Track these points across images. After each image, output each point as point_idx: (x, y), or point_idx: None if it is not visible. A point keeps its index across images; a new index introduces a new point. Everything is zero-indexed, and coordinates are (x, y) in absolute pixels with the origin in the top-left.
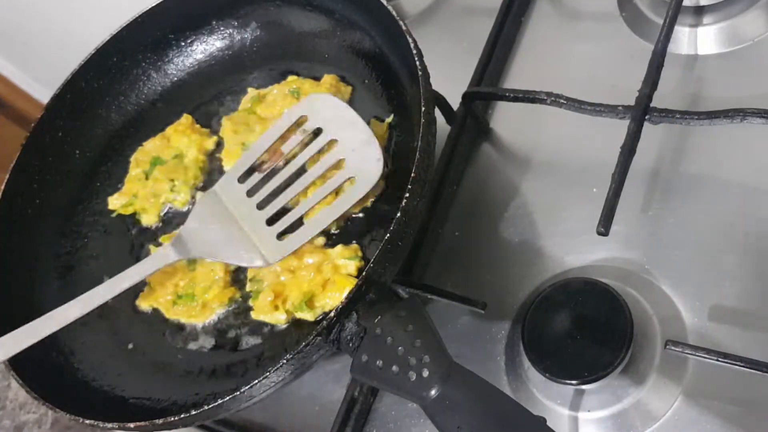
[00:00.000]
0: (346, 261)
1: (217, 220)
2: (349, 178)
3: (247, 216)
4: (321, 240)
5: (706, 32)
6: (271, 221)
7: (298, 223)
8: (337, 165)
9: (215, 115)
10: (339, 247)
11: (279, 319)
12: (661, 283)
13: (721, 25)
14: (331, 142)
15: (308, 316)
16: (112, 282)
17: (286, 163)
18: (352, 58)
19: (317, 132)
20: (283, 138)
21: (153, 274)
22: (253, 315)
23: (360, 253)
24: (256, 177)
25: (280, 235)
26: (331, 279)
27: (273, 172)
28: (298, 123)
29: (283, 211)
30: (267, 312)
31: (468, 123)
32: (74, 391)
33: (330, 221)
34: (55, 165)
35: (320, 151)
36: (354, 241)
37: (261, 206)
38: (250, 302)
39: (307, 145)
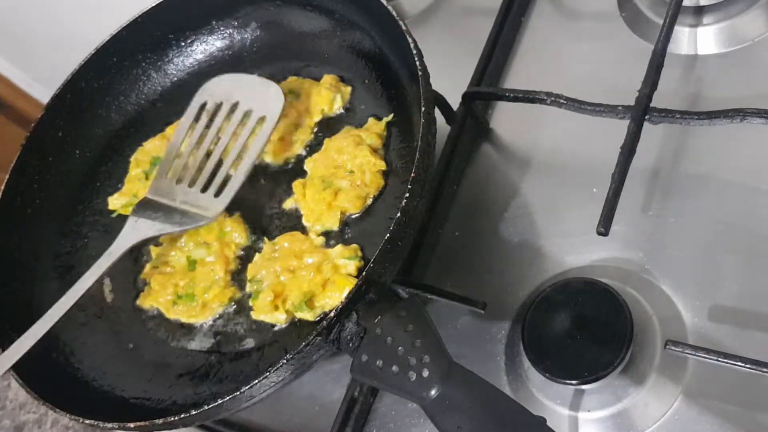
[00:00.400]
0: (346, 261)
1: (156, 213)
2: (259, 119)
3: (184, 198)
4: (321, 240)
5: (706, 32)
6: (204, 189)
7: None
8: (247, 118)
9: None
10: (339, 247)
11: (279, 319)
12: (661, 283)
13: (721, 25)
14: (234, 106)
15: (308, 316)
16: (93, 268)
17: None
18: (352, 58)
19: (220, 107)
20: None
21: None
22: (253, 315)
23: (360, 253)
24: (179, 163)
25: (218, 195)
26: (331, 279)
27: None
28: (204, 111)
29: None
30: (267, 312)
31: (468, 123)
32: (74, 391)
33: (254, 159)
34: (55, 165)
35: (229, 119)
36: (354, 241)
37: (191, 184)
38: (250, 302)
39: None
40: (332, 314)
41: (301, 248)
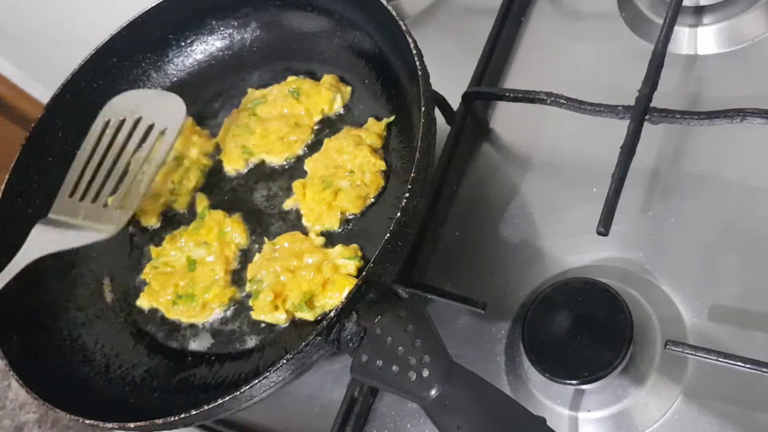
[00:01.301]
0: (345, 261)
1: (56, 229)
2: (160, 132)
3: (86, 214)
4: (321, 240)
5: (706, 32)
6: (107, 203)
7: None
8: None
9: (215, 115)
10: (339, 247)
11: (279, 319)
12: (661, 283)
13: (721, 25)
14: (137, 121)
15: (308, 315)
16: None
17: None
18: (352, 58)
19: (123, 123)
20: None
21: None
22: (254, 315)
23: (360, 253)
24: (83, 180)
25: (121, 208)
26: (331, 279)
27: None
28: (107, 128)
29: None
30: (267, 312)
31: (468, 123)
32: (74, 391)
33: (155, 170)
34: (55, 165)
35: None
36: (354, 241)
37: (94, 199)
38: (250, 302)
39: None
40: (332, 314)
41: (301, 248)
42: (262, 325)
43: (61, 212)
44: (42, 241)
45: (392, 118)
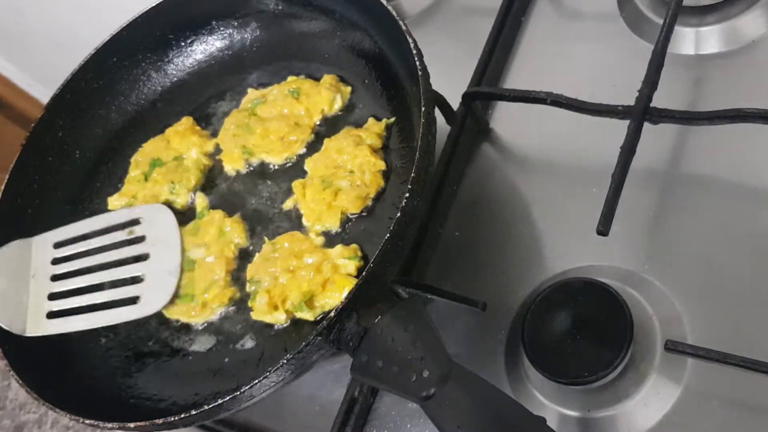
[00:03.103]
0: (345, 261)
1: (13, 272)
2: (133, 297)
3: (40, 279)
4: (321, 240)
5: (706, 32)
6: (53, 296)
7: (74, 310)
8: (135, 276)
9: (215, 115)
10: (339, 247)
11: (279, 318)
12: (661, 283)
13: (721, 25)
14: (141, 256)
15: (308, 315)
16: None
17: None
18: (352, 58)
19: (139, 239)
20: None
21: None
22: (253, 315)
23: (360, 253)
24: (68, 250)
25: (52, 315)
26: (330, 279)
27: (83, 254)
28: (131, 222)
29: (69, 293)
30: (267, 312)
31: (468, 123)
32: (74, 391)
33: (95, 325)
34: (55, 165)
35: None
36: (354, 241)
37: (54, 278)
38: (250, 303)
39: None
40: (332, 314)
41: (300, 248)
42: (262, 325)
43: (38, 248)
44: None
45: (393, 119)
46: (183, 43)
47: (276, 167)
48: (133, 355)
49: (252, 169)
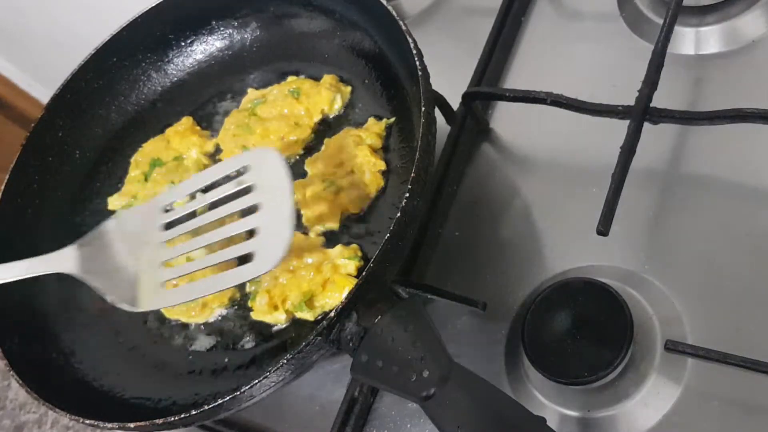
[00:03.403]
0: (345, 261)
1: (121, 245)
2: (248, 253)
3: (151, 249)
4: (321, 240)
5: (706, 32)
6: (168, 264)
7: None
8: (249, 230)
9: (215, 115)
10: (339, 247)
11: (279, 318)
12: (661, 283)
13: (721, 25)
14: (253, 206)
15: (308, 315)
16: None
17: (211, 207)
18: (352, 58)
19: (247, 189)
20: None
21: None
22: (254, 315)
23: (360, 253)
24: (177, 212)
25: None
26: (330, 279)
27: (193, 215)
28: (238, 172)
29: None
30: (267, 312)
31: (468, 123)
32: (74, 391)
33: (214, 291)
34: (55, 165)
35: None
36: (354, 241)
37: (167, 244)
38: (250, 303)
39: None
40: (332, 314)
41: (300, 248)
42: (262, 325)
43: (144, 217)
44: (73, 264)
45: (393, 119)
46: (183, 43)
47: None
48: (133, 355)
49: None
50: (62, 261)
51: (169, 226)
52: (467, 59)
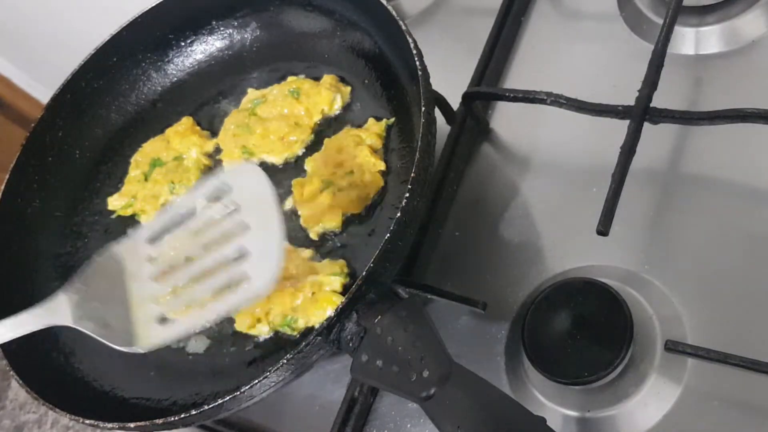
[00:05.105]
0: (331, 277)
1: (108, 288)
2: (242, 278)
3: (141, 284)
4: (308, 253)
5: (706, 32)
6: (157, 299)
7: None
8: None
9: (215, 115)
10: (326, 262)
11: (262, 331)
12: (661, 283)
13: (721, 25)
14: (243, 227)
15: (290, 331)
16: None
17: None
18: (352, 58)
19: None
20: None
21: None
22: (236, 326)
23: (347, 270)
24: (163, 243)
25: (162, 320)
26: (315, 296)
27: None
28: (219, 195)
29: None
30: (250, 326)
31: (468, 123)
32: (74, 391)
33: (212, 321)
34: (55, 165)
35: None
36: (353, 242)
37: (154, 278)
38: (233, 314)
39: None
40: (332, 314)
41: (287, 261)
42: (246, 336)
43: (129, 253)
44: (84, 311)
45: (392, 119)
46: (183, 43)
47: (276, 167)
48: (133, 355)
49: None
50: (53, 313)
51: (153, 259)
52: (467, 59)
